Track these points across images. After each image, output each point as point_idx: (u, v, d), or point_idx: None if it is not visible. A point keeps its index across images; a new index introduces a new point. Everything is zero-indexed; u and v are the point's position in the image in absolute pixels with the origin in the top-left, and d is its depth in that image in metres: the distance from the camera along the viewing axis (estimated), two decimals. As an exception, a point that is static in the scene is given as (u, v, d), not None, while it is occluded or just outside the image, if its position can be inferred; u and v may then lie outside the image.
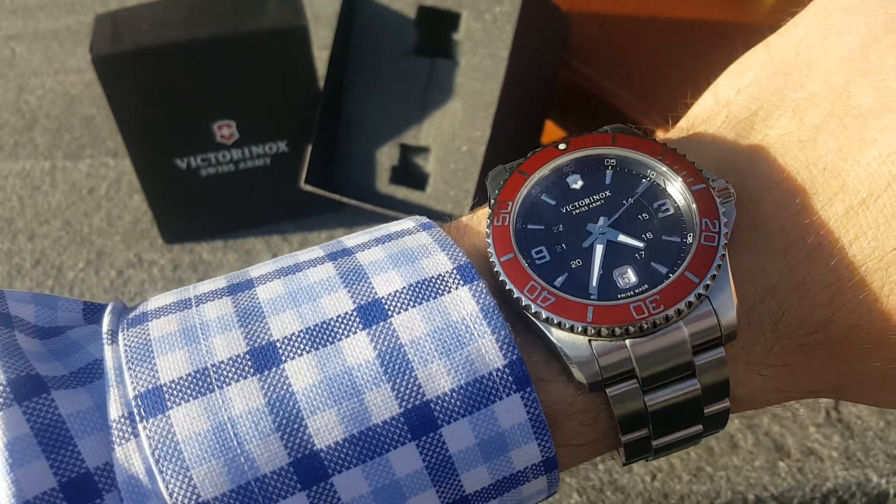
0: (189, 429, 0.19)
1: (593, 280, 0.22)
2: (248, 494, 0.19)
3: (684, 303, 0.21)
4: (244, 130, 0.64)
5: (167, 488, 0.19)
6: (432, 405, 0.20)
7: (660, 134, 0.26)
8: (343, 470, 0.19)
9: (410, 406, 0.20)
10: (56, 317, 0.22)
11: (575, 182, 0.24)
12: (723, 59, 0.26)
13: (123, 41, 0.58)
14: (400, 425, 0.20)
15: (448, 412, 0.20)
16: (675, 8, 0.66)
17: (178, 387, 0.20)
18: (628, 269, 0.22)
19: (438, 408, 0.20)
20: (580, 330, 0.21)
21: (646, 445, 0.22)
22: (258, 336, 0.20)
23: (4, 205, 0.74)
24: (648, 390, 0.21)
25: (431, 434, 0.20)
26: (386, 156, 0.62)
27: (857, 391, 0.24)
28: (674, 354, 0.21)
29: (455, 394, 0.20)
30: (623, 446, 0.22)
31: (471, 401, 0.20)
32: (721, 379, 0.21)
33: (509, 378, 0.20)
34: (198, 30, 0.59)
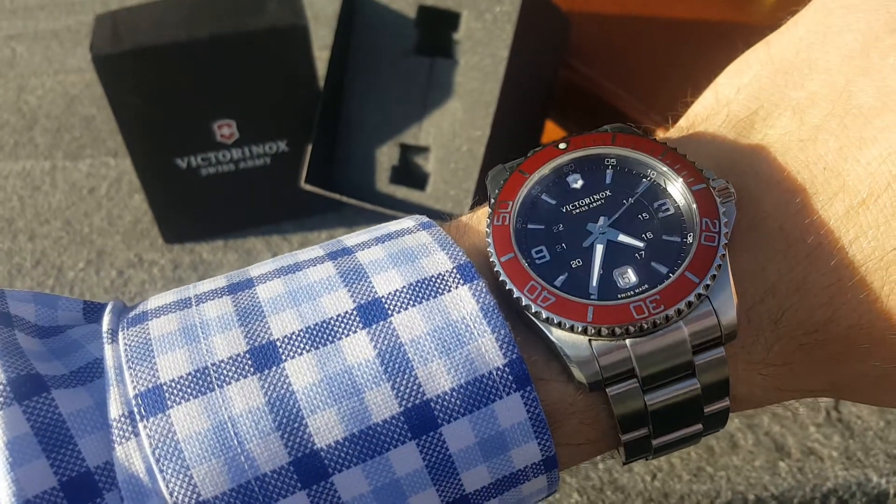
0: (189, 428, 0.19)
1: (593, 280, 0.22)
2: (249, 493, 0.19)
3: (684, 303, 0.21)
4: (244, 130, 0.64)
5: (167, 487, 0.19)
6: (432, 404, 0.20)
7: (660, 133, 0.26)
8: (343, 469, 0.19)
9: (410, 405, 0.20)
10: (56, 316, 0.22)
11: (575, 182, 0.24)
12: (723, 59, 0.26)
13: (123, 41, 0.58)
14: (400, 424, 0.20)
15: (448, 411, 0.20)
16: (675, 8, 0.66)
17: (179, 386, 0.20)
18: (628, 269, 0.22)
19: (438, 407, 0.20)
20: (580, 330, 0.21)
21: (646, 444, 0.22)
22: (258, 335, 0.20)
23: (5, 205, 0.74)
24: (648, 390, 0.21)
25: (431, 433, 0.20)
26: (386, 155, 0.62)
27: (858, 391, 0.24)
28: (674, 354, 0.21)
29: (455, 393, 0.20)
30: (623, 445, 0.22)
31: (471, 400, 0.20)
32: (721, 378, 0.21)
33: (509, 377, 0.20)
34: (198, 29, 0.59)
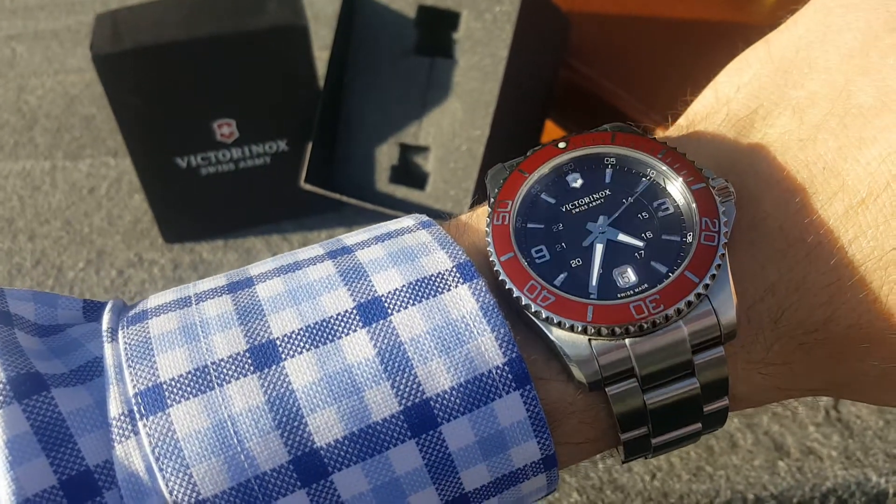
0: (189, 426, 0.19)
1: (593, 279, 0.22)
2: (248, 492, 0.19)
3: (684, 302, 0.21)
4: (244, 129, 0.64)
5: (167, 486, 0.19)
6: (432, 403, 0.20)
7: (659, 132, 0.26)
8: (343, 468, 0.19)
9: (410, 404, 0.20)
10: (56, 315, 0.22)
11: (575, 181, 0.24)
12: (723, 59, 0.26)
13: (124, 40, 0.58)
14: (400, 423, 0.20)
15: (448, 410, 0.20)
16: (675, 8, 0.66)
17: (178, 384, 0.20)
18: (628, 269, 0.22)
19: (438, 405, 0.20)
20: (580, 329, 0.21)
21: (645, 443, 0.22)
22: (258, 334, 0.20)
23: (5, 205, 0.74)
24: (648, 389, 0.21)
25: (431, 432, 0.20)
26: (386, 155, 0.62)
27: (857, 390, 0.24)
28: (673, 353, 0.21)
29: (455, 391, 0.20)
30: (622, 444, 0.22)
31: (470, 398, 0.20)
32: (720, 377, 0.21)
33: (509, 376, 0.20)
34: (198, 29, 0.59)
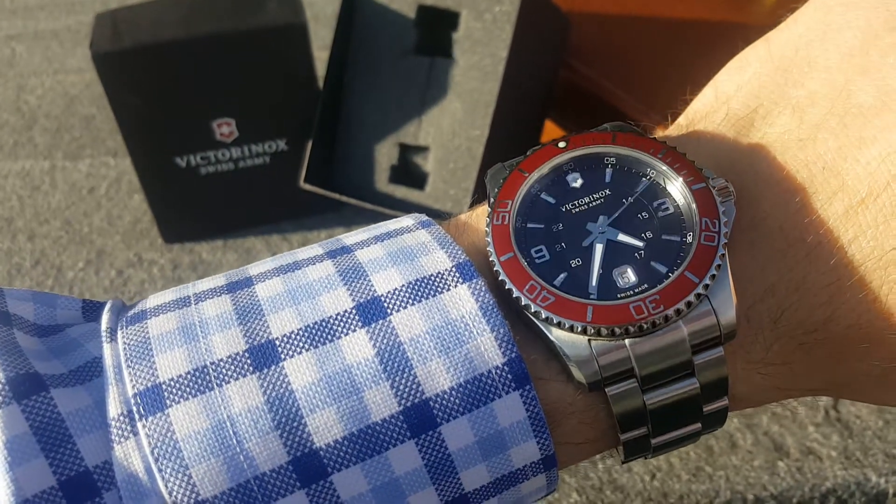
0: (188, 427, 0.19)
1: (593, 279, 0.22)
2: (248, 493, 0.19)
3: (684, 303, 0.21)
4: (244, 129, 0.64)
5: (166, 487, 0.19)
6: (431, 403, 0.20)
7: (658, 131, 0.26)
8: (342, 468, 0.19)
9: (410, 404, 0.20)
10: (55, 315, 0.22)
11: (574, 180, 0.24)
12: (723, 59, 0.26)
13: (123, 39, 0.58)
14: (399, 423, 0.20)
15: (447, 410, 0.20)
16: (675, 8, 0.66)
17: (178, 385, 0.19)
18: (628, 269, 0.22)
19: (437, 406, 0.20)
20: (580, 330, 0.21)
21: (645, 443, 0.22)
22: (257, 334, 0.20)
23: (4, 204, 0.74)
24: (647, 389, 0.21)
25: (430, 432, 0.20)
26: (385, 155, 0.62)
27: (857, 390, 0.24)
28: (673, 353, 0.21)
29: (454, 392, 0.20)
30: (622, 444, 0.22)
31: (470, 399, 0.20)
32: (720, 377, 0.21)
33: (508, 376, 0.20)
34: (197, 27, 0.59)
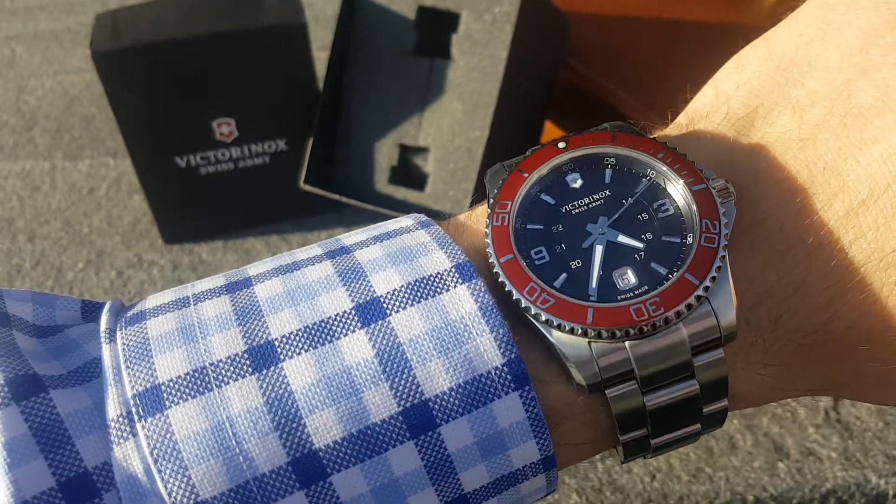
0: (187, 428, 0.19)
1: (593, 281, 0.22)
2: (247, 494, 0.19)
3: (684, 305, 0.21)
4: (243, 128, 0.63)
5: (166, 488, 0.19)
6: (431, 404, 0.20)
7: (657, 130, 0.26)
8: (342, 469, 0.19)
9: (409, 405, 0.20)
10: (54, 315, 0.22)
11: (574, 181, 0.24)
12: (722, 60, 0.26)
13: (123, 38, 0.58)
14: (398, 424, 0.19)
15: (446, 411, 0.20)
16: (675, 8, 0.66)
17: (177, 386, 0.19)
18: (628, 270, 0.22)
19: (437, 406, 0.20)
20: (580, 332, 0.21)
21: (644, 444, 0.22)
22: (256, 335, 0.20)
23: (4, 205, 0.74)
24: (647, 391, 0.21)
25: (430, 433, 0.20)
26: (385, 156, 0.62)
27: (857, 390, 0.24)
28: (673, 355, 0.21)
29: (453, 392, 0.20)
30: (622, 445, 0.22)
31: (469, 399, 0.20)
32: (719, 379, 0.21)
33: (508, 376, 0.20)
34: (197, 26, 0.59)
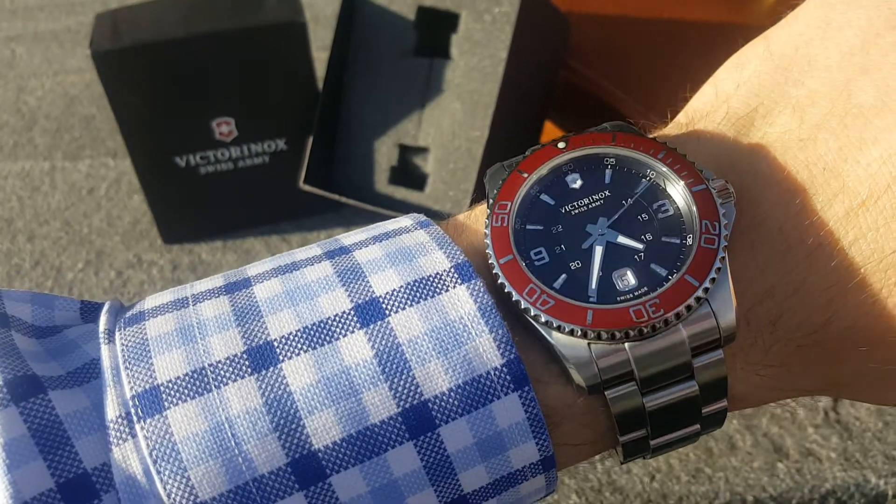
0: (186, 429, 0.19)
1: (592, 282, 0.22)
2: (246, 495, 0.19)
3: (684, 306, 0.21)
4: (243, 128, 0.63)
5: (165, 489, 0.18)
6: (430, 405, 0.20)
7: (655, 130, 0.26)
8: (341, 470, 0.19)
9: (408, 406, 0.20)
10: (53, 316, 0.22)
11: (574, 181, 0.23)
12: (722, 60, 0.26)
13: (123, 37, 0.58)
14: (398, 425, 0.19)
15: (446, 411, 0.20)
16: (675, 9, 0.66)
17: (176, 387, 0.19)
18: (627, 271, 0.22)
19: (436, 407, 0.20)
20: (580, 334, 0.21)
21: (644, 445, 0.22)
22: (255, 335, 0.20)
23: (4, 205, 0.74)
24: (647, 392, 0.21)
25: (429, 433, 0.20)
26: (385, 156, 0.62)
27: (857, 390, 0.24)
28: (672, 356, 0.21)
29: (453, 393, 0.20)
30: (621, 446, 0.22)
31: (468, 400, 0.20)
32: (719, 380, 0.21)
33: (507, 377, 0.20)
34: (197, 26, 0.59)
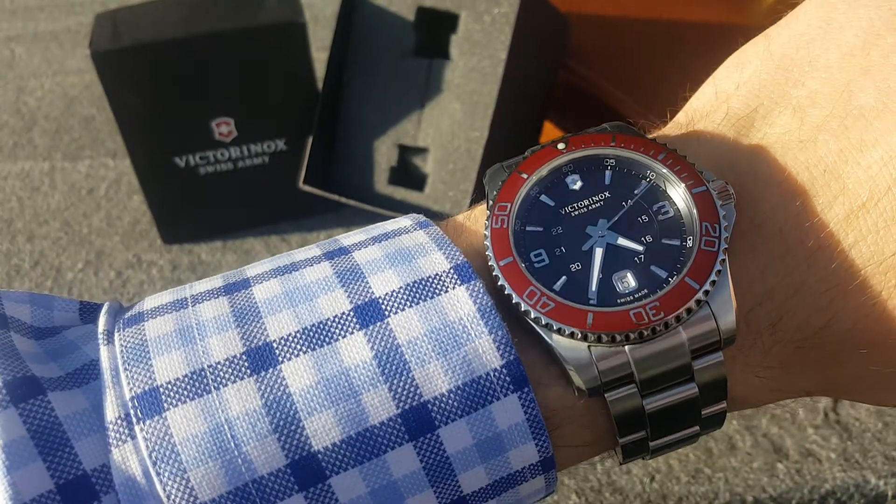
0: (186, 430, 0.19)
1: (593, 284, 0.22)
2: (246, 496, 0.19)
3: (684, 309, 0.21)
4: (243, 128, 0.63)
5: (164, 490, 0.18)
6: (429, 406, 0.20)
7: (656, 129, 0.26)
8: (341, 471, 0.19)
9: (408, 407, 0.20)
10: (52, 317, 0.22)
11: (574, 182, 0.23)
12: (722, 61, 0.26)
13: (122, 37, 0.58)
14: (397, 426, 0.19)
15: (445, 413, 0.20)
16: (675, 9, 0.66)
17: (175, 388, 0.19)
18: (628, 274, 0.22)
19: (436, 408, 0.20)
20: (580, 336, 0.21)
21: (643, 446, 0.22)
22: (255, 337, 0.20)
23: (3, 206, 0.74)
24: (647, 394, 0.21)
25: (429, 435, 0.20)
26: (384, 156, 0.62)
27: (857, 391, 0.24)
28: (672, 358, 0.21)
29: (452, 394, 0.20)
30: (621, 447, 0.22)
31: (468, 401, 0.20)
32: (719, 381, 0.21)
33: (507, 378, 0.20)
34: (197, 26, 0.59)
